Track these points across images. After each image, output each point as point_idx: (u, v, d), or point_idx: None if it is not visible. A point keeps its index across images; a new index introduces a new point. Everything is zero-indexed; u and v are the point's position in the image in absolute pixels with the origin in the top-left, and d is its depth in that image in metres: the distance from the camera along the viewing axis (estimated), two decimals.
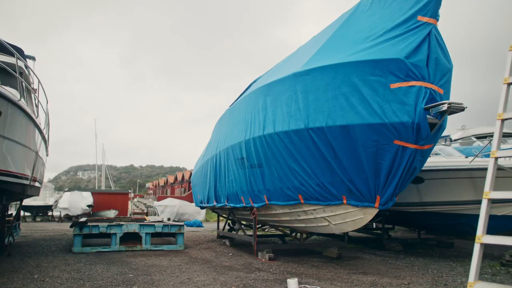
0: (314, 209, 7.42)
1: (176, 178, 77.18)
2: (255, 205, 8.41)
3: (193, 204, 33.57)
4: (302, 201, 7.28)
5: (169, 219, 24.70)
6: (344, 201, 6.72)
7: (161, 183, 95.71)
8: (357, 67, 5.90)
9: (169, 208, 29.48)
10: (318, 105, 6.33)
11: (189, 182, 68.00)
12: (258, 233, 11.96)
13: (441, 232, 11.20)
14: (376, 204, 6.41)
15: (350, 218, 7.00)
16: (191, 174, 69.36)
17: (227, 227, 13.59)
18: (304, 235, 9.32)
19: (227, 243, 11.59)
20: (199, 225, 21.69)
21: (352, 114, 5.95)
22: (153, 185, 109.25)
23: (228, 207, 9.99)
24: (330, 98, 6.18)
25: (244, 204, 8.87)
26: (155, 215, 30.99)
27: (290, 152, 6.92)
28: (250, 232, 10.97)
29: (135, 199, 64.24)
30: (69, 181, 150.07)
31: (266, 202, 8.00)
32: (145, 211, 34.52)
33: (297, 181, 7.10)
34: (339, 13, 8.70)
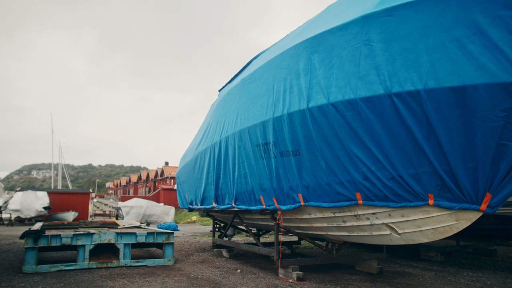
0: (374, 213, 5.35)
1: (140, 177, 73.37)
2: (282, 207, 6.22)
3: (161, 204, 31.09)
4: (360, 201, 5.17)
5: (148, 224, 22.00)
6: (430, 202, 4.67)
7: (123, 183, 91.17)
8: None
9: (135, 209, 26.79)
10: (409, 58, 4.25)
11: (155, 182, 64.63)
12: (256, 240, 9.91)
13: (486, 238, 9.46)
14: (483, 206, 4.40)
15: (431, 225, 4.98)
16: (156, 173, 66.21)
17: (217, 232, 11.34)
18: (336, 245, 7.21)
19: (225, 253, 9.33)
20: (174, 228, 19.05)
21: (470, 70, 3.91)
22: (114, 185, 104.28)
23: (235, 209, 7.72)
24: (431, 47, 4.11)
25: (263, 206, 6.65)
26: (118, 216, 28.10)
27: (354, 131, 4.80)
28: (251, 238, 8.73)
29: (95, 199, 60.05)
30: (22, 181, 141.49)
31: (302, 203, 5.84)
32: (114, 213, 31.14)
33: (358, 174, 4.98)
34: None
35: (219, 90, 11.51)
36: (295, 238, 10.57)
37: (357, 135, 4.81)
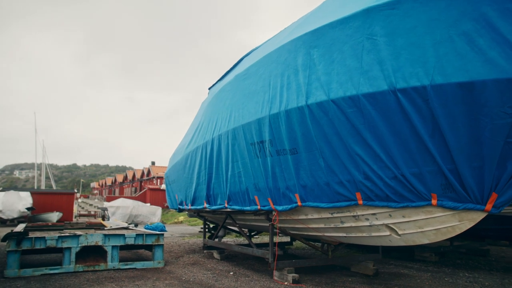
0: (374, 214, 5.20)
1: (126, 177, 72.42)
2: (278, 207, 6.02)
3: (147, 204, 30.56)
4: (360, 201, 5.01)
5: (136, 225, 21.56)
6: (433, 202, 4.53)
7: (109, 183, 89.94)
8: None
9: (121, 210, 26.23)
10: (415, 53, 4.10)
11: (141, 182, 63.77)
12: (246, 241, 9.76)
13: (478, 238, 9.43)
14: (488, 206, 4.27)
15: (434, 226, 4.85)
16: (142, 173, 65.44)
17: (207, 233, 11.07)
18: (332, 247, 7.04)
19: (216, 255, 9.10)
20: (162, 229, 18.60)
21: (479, 65, 3.77)
22: (99, 185, 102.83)
23: (227, 210, 7.50)
24: (438, 42, 3.96)
25: (258, 207, 6.44)
26: (104, 217, 27.55)
27: (355, 128, 4.62)
28: (241, 239, 8.50)
29: (80, 200, 58.97)
30: (4, 181, 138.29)
31: (299, 203, 5.65)
32: (100, 213, 30.41)
33: (358, 173, 4.81)
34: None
35: (209, 88, 11.27)
36: (287, 239, 10.38)
37: (358, 132, 4.63)
